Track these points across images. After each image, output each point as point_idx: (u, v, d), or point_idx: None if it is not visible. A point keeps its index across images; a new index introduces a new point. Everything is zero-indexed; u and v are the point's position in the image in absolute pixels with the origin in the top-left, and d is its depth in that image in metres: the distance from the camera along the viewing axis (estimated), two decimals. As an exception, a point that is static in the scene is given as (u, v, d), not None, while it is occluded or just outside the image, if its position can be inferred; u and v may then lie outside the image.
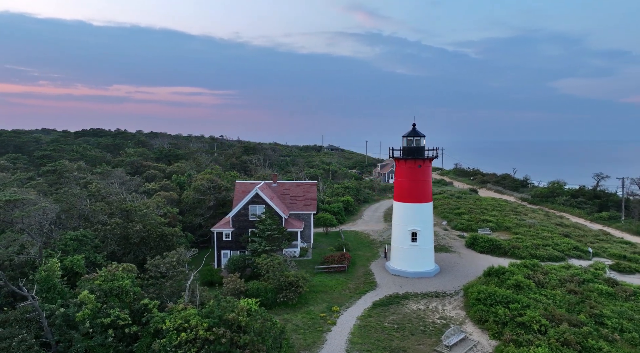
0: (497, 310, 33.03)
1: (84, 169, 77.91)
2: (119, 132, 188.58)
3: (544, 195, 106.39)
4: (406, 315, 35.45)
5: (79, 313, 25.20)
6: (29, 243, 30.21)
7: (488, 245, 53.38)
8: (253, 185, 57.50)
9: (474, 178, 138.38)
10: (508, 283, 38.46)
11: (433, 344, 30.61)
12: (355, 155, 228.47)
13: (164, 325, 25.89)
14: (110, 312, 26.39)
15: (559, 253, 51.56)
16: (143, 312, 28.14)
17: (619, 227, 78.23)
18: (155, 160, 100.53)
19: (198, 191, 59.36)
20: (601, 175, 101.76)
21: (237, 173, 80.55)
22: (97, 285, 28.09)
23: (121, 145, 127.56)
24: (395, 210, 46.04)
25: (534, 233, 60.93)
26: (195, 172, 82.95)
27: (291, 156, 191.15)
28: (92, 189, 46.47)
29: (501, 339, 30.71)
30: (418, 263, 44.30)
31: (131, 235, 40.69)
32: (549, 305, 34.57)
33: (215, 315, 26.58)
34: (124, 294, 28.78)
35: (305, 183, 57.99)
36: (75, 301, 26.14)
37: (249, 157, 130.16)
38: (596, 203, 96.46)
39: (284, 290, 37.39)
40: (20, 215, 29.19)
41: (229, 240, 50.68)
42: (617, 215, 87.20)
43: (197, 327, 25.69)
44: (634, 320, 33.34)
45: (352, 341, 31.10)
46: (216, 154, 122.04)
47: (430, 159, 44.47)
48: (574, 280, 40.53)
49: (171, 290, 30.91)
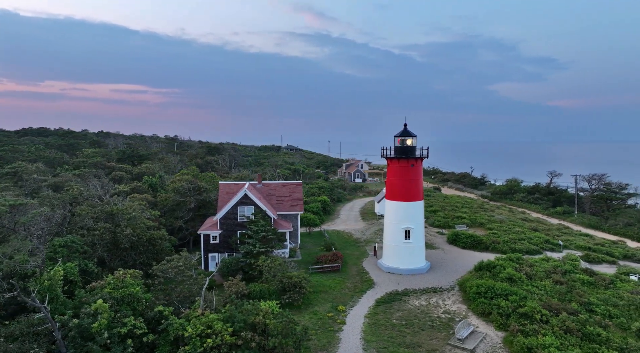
0: (499, 303, 34.50)
1: (43, 170, 72.94)
2: (68, 131, 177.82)
3: (503, 192, 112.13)
4: (411, 311, 36.16)
5: (96, 324, 23.65)
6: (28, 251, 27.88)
7: (470, 241, 55.54)
8: (237, 186, 56.40)
9: (435, 177, 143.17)
10: (501, 276, 40.23)
11: (444, 338, 31.46)
12: (316, 155, 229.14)
13: (186, 332, 24.87)
14: (126, 321, 25.00)
15: (534, 247, 54.60)
16: (159, 319, 26.86)
17: (573, 221, 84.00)
18: (118, 161, 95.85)
19: (178, 192, 57.27)
20: (554, 173, 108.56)
21: (214, 173, 78.44)
22: (107, 293, 26.48)
23: (75, 145, 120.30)
24: (388, 209, 46.78)
25: (507, 229, 64.09)
26: (164, 173, 79.95)
27: (252, 156, 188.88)
28: (73, 192, 43.50)
29: (507, 330, 32.11)
30: (411, 261, 45.30)
31: (121, 240, 38.61)
32: (543, 296, 36.59)
33: (240, 319, 25.89)
34: (136, 302, 27.33)
35: (291, 184, 57.56)
36: (88, 311, 24.47)
37: (214, 158, 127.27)
38: (550, 199, 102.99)
39: (287, 291, 36.95)
40: (27, 220, 26.86)
41: (216, 242, 49.32)
42: (570, 210, 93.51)
43: (222, 332, 24.93)
44: (618, 307, 35.99)
45: (366, 339, 31.31)
46: (178, 155, 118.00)
47: (422, 158, 45.58)
48: (557, 272, 43.10)
49: (183, 295, 29.67)
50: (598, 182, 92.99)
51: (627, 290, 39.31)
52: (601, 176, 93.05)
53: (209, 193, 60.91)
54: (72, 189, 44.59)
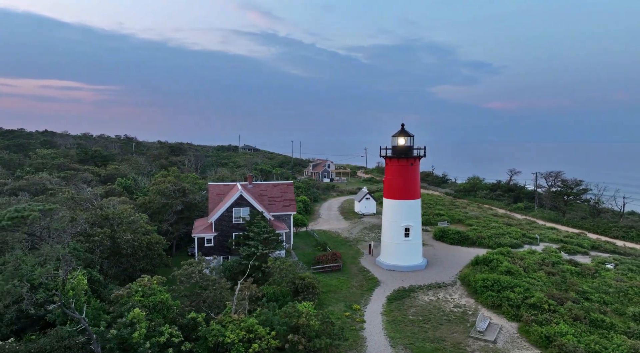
0: (508, 295, 36.14)
1: (2, 173, 67.41)
2: (9, 131, 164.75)
3: (466, 189, 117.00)
4: (423, 306, 37.03)
5: (135, 334, 22.31)
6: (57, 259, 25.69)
7: (457, 237, 57.62)
8: (227, 187, 55.09)
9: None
10: (500, 270, 42.12)
11: (464, 331, 32.52)
12: (276, 155, 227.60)
13: (226, 338, 24.08)
14: (163, 330, 23.80)
15: (516, 241, 57.57)
16: (193, 326, 25.77)
17: (534, 216, 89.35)
18: (80, 162, 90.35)
19: (163, 195, 54.90)
20: (514, 171, 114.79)
21: (194, 174, 75.85)
22: (138, 301, 25.04)
23: (26, 145, 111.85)
24: (387, 208, 47.54)
25: (485, 224, 67.05)
26: (136, 174, 76.35)
27: (213, 156, 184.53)
28: (64, 196, 40.40)
29: (520, 321, 33.73)
30: (411, 258, 46.33)
31: (122, 246, 36.50)
32: (542, 287, 38.74)
33: (281, 322, 25.43)
34: (166, 309, 26.05)
35: (282, 184, 56.92)
36: (124, 321, 23.02)
37: (178, 158, 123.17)
38: (511, 196, 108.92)
39: (301, 293, 36.60)
40: (60, 226, 24.67)
41: (211, 245, 47.95)
42: (531, 205, 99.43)
43: (265, 336, 24.37)
44: (609, 294, 38.85)
45: (390, 336, 31.71)
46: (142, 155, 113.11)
47: (420, 157, 46.71)
48: (546, 264, 45.75)
49: (210, 300, 28.59)
50: (554, 179, 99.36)
51: (612, 279, 42.48)
52: (557, 173, 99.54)
53: (194, 195, 58.92)
54: (64, 192, 41.44)
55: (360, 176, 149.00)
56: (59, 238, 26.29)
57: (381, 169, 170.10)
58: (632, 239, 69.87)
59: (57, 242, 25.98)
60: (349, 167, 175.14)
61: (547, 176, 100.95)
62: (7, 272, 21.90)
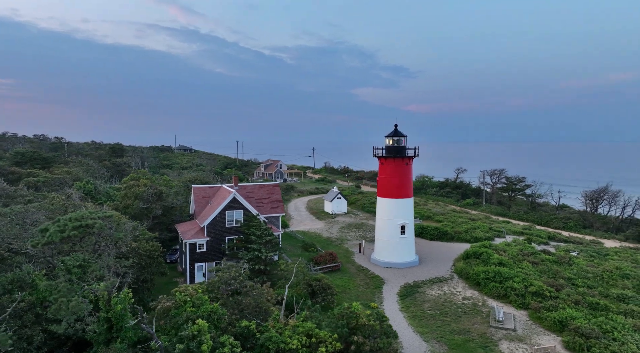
0: (512, 285, 38.62)
1: None
2: None
3: (417, 187, 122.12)
4: (435, 301, 38.37)
5: (204, 347, 20.88)
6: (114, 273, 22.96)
7: (436, 233, 60.22)
8: (212, 189, 52.85)
9: (349, 176, 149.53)
10: (492, 262, 44.77)
11: (483, 322, 34.26)
12: (216, 156, 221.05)
13: (289, 345, 23.35)
14: (224, 340, 22.49)
15: (487, 234, 61.44)
16: (247, 335, 24.56)
17: (483, 211, 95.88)
18: (16, 165, 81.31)
19: (141, 199, 51.28)
20: (460, 169, 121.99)
21: (167, 176, 71.39)
22: (191, 312, 23.35)
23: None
24: (382, 206, 48.47)
25: (453, 220, 70.71)
26: (92, 178, 70.47)
27: (150, 157, 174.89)
28: (56, 203, 36.06)
29: (528, 308, 36.22)
30: (406, 254, 47.72)
31: (128, 255, 33.60)
32: (534, 276, 41.85)
33: (341, 324, 25.13)
34: (217, 319, 24.56)
35: (268, 185, 55.73)
36: (187, 334, 21.38)
37: (123, 160, 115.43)
38: (459, 193, 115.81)
39: (319, 294, 36.28)
40: (123, 235, 21.95)
41: (203, 251, 45.76)
42: (478, 201, 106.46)
43: (328, 339, 23.96)
44: (589, 279, 42.97)
45: (418, 331, 32.56)
46: (87, 157, 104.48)
47: (413, 157, 48.19)
48: (525, 254, 49.44)
49: (252, 307, 27.36)
50: (499, 176, 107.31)
51: (586, 265, 46.99)
52: (501, 171, 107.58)
53: (172, 199, 55.77)
54: (54, 198, 37.01)
55: (311, 176, 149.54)
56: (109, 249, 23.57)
57: (329, 168, 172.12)
58: (571, 229, 77.60)
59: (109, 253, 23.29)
60: (296, 168, 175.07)
61: (492, 173, 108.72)
62: (62, 287, 19.36)
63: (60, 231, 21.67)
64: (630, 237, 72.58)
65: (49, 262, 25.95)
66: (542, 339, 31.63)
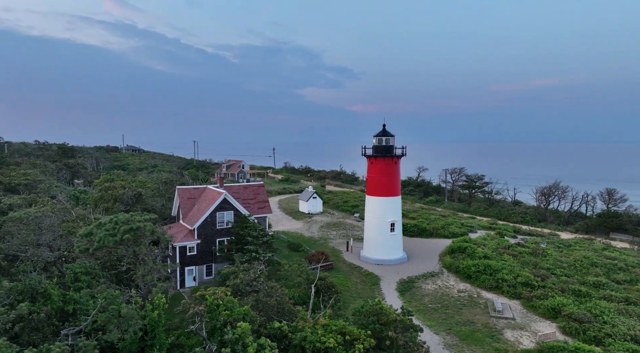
0: (503, 277, 40.78)
1: None
2: None
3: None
4: (433, 294, 39.72)
5: (250, 349, 20.52)
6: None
7: (415, 229, 62.08)
8: (198, 190, 51.29)
9: (311, 175, 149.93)
10: (478, 255, 46.96)
11: (483, 313, 35.95)
12: (169, 157, 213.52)
13: (326, 344, 23.43)
14: (262, 342, 22.19)
15: (462, 230, 64.21)
16: (279, 336, 24.30)
17: (446, 208, 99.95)
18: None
19: (122, 202, 48.82)
20: (422, 168, 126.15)
21: (141, 178, 67.93)
22: (226, 315, 22.76)
23: None
24: (372, 205, 49.31)
25: (426, 217, 73.16)
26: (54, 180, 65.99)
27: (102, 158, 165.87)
28: (55, 207, 33.29)
29: (520, 298, 38.44)
30: (396, 251, 48.90)
31: (129, 260, 31.98)
32: (517, 267, 44.40)
33: (372, 320, 25.50)
34: (249, 321, 24.09)
35: (253, 186, 54.85)
36: (230, 337, 20.86)
37: (76, 160, 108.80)
38: (421, 191, 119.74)
39: (325, 293, 36.40)
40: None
41: (193, 254, 44.37)
42: (440, 198, 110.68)
43: (362, 336, 24.27)
44: (565, 268, 46.24)
45: (427, 324, 33.64)
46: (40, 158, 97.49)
47: (402, 155, 49.42)
48: (503, 247, 52.28)
49: (276, 307, 27.05)
50: (459, 174, 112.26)
51: (559, 255, 50.47)
52: (461, 169, 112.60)
53: (151, 201, 53.50)
54: (47, 203, 34.15)
55: (273, 176, 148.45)
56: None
57: (289, 168, 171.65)
58: (528, 223, 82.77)
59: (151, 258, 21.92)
60: (257, 168, 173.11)
61: (452, 172, 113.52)
62: (107, 294, 18.14)
63: (112, 235, 20.31)
64: (580, 228, 78.57)
65: (59, 269, 24.23)
66: (540, 326, 33.76)
